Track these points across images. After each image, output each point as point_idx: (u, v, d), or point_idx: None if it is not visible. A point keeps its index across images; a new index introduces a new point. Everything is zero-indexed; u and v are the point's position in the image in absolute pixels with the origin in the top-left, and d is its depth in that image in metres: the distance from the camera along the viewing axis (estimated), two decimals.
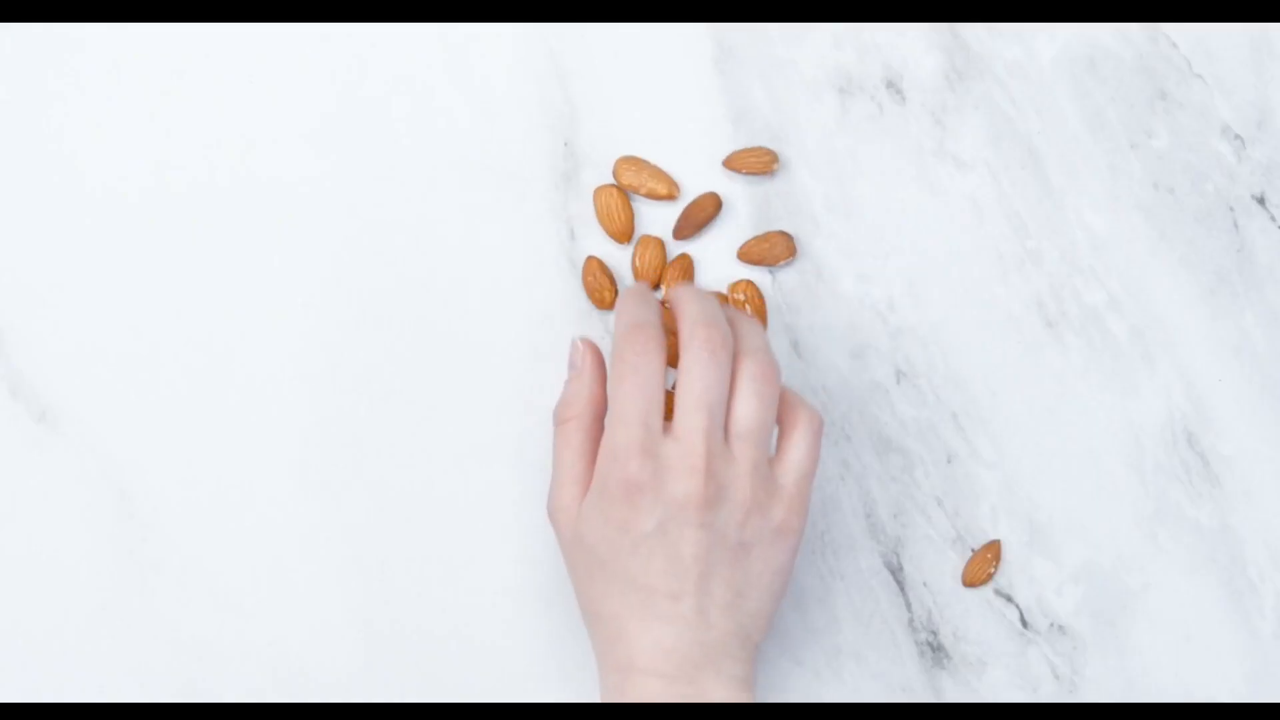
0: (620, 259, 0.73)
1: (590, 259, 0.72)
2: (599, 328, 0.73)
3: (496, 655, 0.71)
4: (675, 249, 0.73)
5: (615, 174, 0.72)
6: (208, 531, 0.72)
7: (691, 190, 0.73)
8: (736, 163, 0.72)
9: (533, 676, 0.71)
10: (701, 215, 0.72)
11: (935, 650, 0.72)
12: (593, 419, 0.64)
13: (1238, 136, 0.74)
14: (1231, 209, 0.74)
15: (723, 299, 0.72)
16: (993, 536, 0.73)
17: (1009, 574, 0.73)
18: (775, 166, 0.72)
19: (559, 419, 0.64)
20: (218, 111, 0.72)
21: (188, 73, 0.73)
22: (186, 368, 0.72)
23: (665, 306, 0.70)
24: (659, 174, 0.72)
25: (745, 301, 0.72)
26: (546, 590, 0.71)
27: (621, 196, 0.72)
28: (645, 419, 0.61)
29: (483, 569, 0.72)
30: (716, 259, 0.73)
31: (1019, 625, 0.73)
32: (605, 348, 0.71)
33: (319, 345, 0.72)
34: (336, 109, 0.72)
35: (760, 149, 0.72)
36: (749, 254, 0.72)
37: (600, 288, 0.72)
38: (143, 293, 0.72)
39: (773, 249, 0.72)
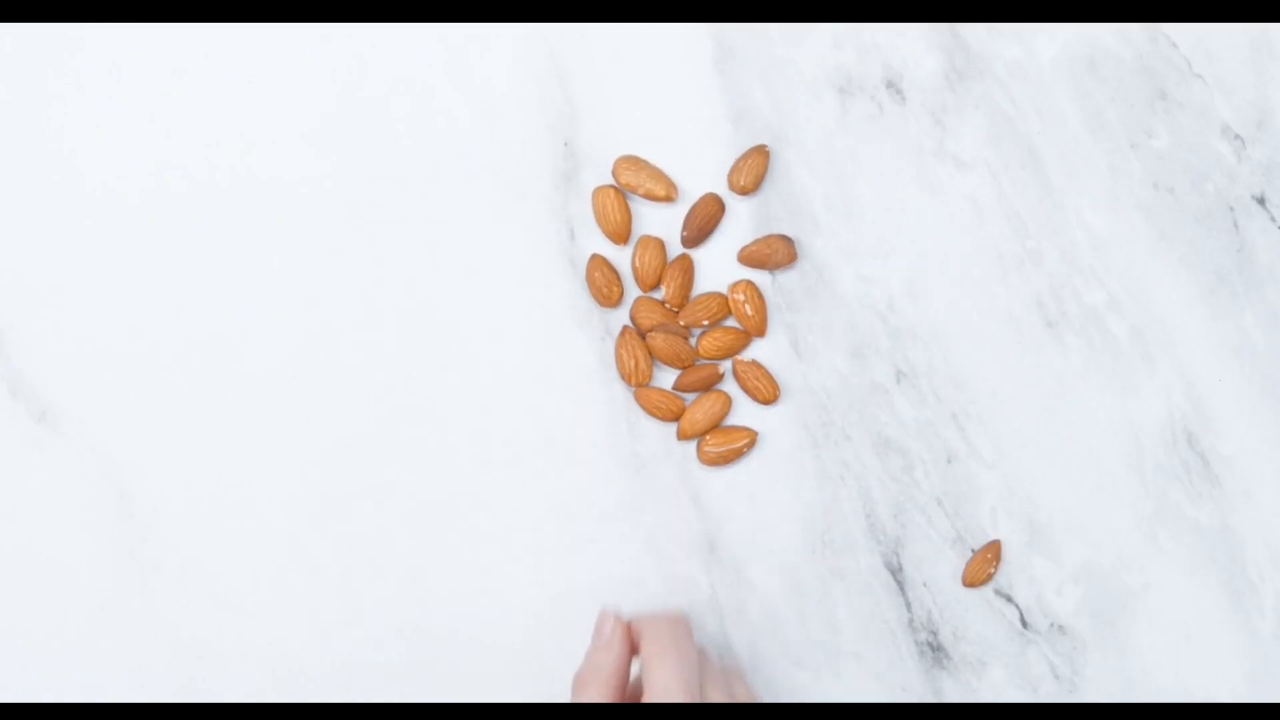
0: (620, 261, 0.73)
1: (595, 256, 0.72)
2: (599, 327, 0.72)
3: (497, 655, 0.71)
4: (675, 250, 0.73)
5: (614, 173, 0.72)
6: (208, 531, 0.71)
7: (691, 190, 0.73)
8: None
9: (532, 676, 0.71)
10: (709, 222, 0.72)
11: (935, 650, 0.72)
12: (612, 691, 0.63)
13: (1238, 136, 0.74)
14: (1231, 209, 0.73)
15: (721, 299, 0.72)
16: (993, 536, 0.72)
17: (1009, 574, 0.72)
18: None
19: (580, 684, 0.63)
20: (218, 111, 0.72)
21: (188, 73, 0.72)
22: (186, 368, 0.72)
23: None
24: (658, 175, 0.72)
25: (745, 302, 0.72)
26: (546, 589, 0.71)
27: (619, 196, 0.72)
28: (688, 689, 0.61)
29: (483, 569, 0.72)
30: (716, 260, 0.73)
31: (1019, 625, 0.72)
32: (605, 350, 0.72)
33: (318, 345, 0.72)
34: (336, 109, 0.72)
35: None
36: (750, 257, 0.72)
37: (609, 282, 0.72)
38: (143, 292, 0.72)
39: (774, 254, 0.72)
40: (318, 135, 0.72)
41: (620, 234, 0.72)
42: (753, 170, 0.72)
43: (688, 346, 0.72)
